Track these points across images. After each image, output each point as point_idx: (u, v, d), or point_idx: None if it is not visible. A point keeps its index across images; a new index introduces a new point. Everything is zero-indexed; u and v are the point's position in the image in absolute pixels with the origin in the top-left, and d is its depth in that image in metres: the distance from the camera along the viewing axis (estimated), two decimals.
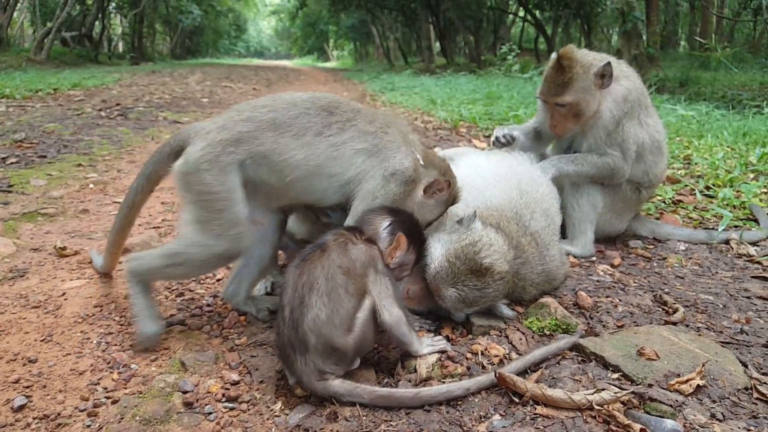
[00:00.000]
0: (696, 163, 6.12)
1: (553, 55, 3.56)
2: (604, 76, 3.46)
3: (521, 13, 34.67)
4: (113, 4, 37.23)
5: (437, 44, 37.71)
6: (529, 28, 36.87)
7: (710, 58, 18.80)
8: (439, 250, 2.55)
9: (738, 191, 5.01)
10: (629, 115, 3.59)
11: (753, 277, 3.35)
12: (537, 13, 30.90)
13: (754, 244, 3.90)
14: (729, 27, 29.95)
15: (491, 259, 2.47)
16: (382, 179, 2.48)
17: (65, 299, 2.96)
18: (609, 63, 3.45)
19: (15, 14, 30.88)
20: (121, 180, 5.41)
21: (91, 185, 5.15)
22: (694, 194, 4.97)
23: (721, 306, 2.90)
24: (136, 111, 10.16)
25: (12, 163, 5.82)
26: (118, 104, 11.04)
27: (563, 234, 3.57)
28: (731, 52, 19.66)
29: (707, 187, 5.21)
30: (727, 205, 4.69)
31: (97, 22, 33.74)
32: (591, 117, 3.55)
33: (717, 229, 4.06)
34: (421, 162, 2.62)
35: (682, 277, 3.33)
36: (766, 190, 5.10)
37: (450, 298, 2.48)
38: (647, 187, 3.90)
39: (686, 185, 5.24)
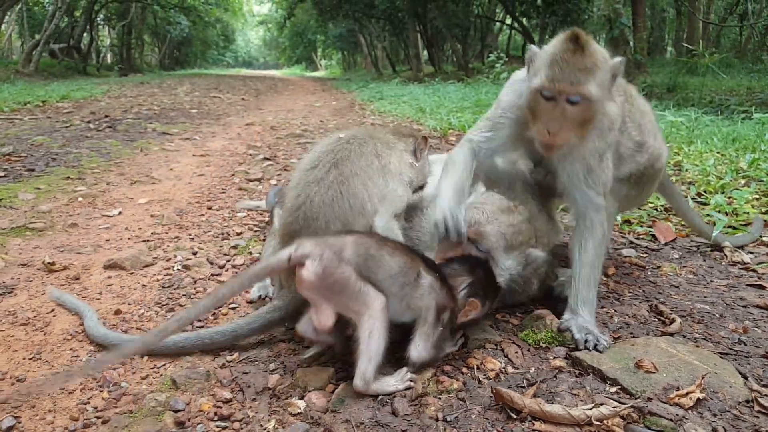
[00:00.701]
0: (687, 170, 6.13)
1: (560, 37, 2.52)
2: (616, 77, 2.60)
3: (508, 21, 34.86)
4: (101, 16, 37.19)
5: (425, 52, 37.84)
6: (516, 36, 37.14)
7: (697, 63, 18.96)
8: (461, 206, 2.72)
9: (730, 197, 5.02)
10: (610, 146, 2.77)
11: (748, 285, 3.34)
12: (524, 20, 31.10)
13: (740, 247, 3.91)
14: (715, 32, 30.27)
15: (515, 202, 2.77)
16: (403, 188, 2.79)
17: (54, 316, 2.91)
18: (623, 60, 2.60)
19: (3, 27, 30.76)
20: (110, 193, 5.35)
21: (79, 198, 5.09)
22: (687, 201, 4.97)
23: (717, 315, 2.88)
24: (124, 123, 10.11)
25: (0, 177, 5.76)
26: (106, 116, 10.98)
27: None
28: (718, 57, 19.84)
29: (699, 194, 5.22)
30: (720, 211, 4.69)
31: (85, 34, 33.64)
32: (598, 126, 2.65)
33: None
34: (411, 156, 2.93)
35: (677, 286, 3.31)
36: (758, 196, 5.11)
37: (491, 234, 2.64)
38: (657, 159, 3.14)
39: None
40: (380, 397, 2.16)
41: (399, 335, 2.28)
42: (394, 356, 2.29)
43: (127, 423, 2.06)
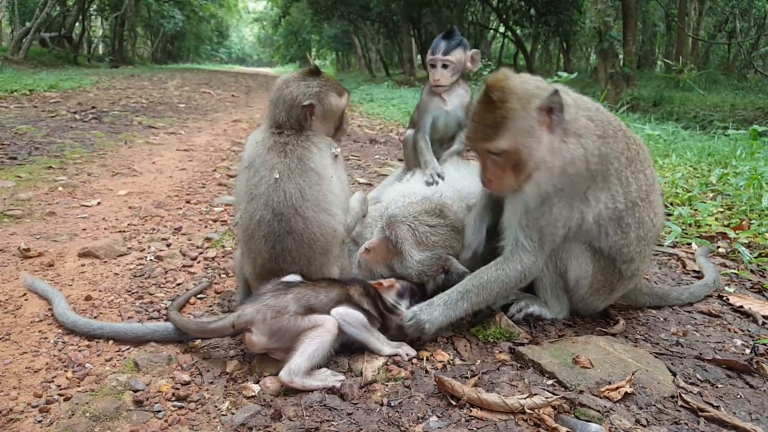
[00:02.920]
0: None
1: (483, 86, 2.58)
2: (552, 110, 2.48)
3: (501, 29, 35.16)
4: (94, 6, 37.07)
5: (419, 57, 38.01)
6: (510, 44, 37.38)
7: (678, 79, 19.26)
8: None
9: (695, 210, 5.18)
10: (567, 195, 2.59)
11: None
12: (517, 29, 31.37)
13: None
14: (704, 49, 30.65)
15: (444, 206, 2.91)
16: (341, 184, 2.79)
17: (26, 299, 3.01)
18: (557, 92, 2.47)
19: None
20: (90, 183, 5.44)
21: (59, 188, 5.17)
22: None
23: (662, 319, 3.03)
24: (111, 115, 10.16)
25: None
26: (93, 107, 11.03)
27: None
28: (698, 73, 20.13)
29: (665, 206, 5.37)
30: (683, 223, 4.84)
31: (77, 24, 33.51)
32: (538, 166, 2.54)
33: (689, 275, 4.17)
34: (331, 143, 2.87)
35: None
36: (722, 209, 5.27)
37: (401, 228, 2.79)
38: (626, 261, 2.82)
39: None
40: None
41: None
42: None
43: (88, 401, 2.16)
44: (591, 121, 2.61)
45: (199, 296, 3.17)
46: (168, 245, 3.94)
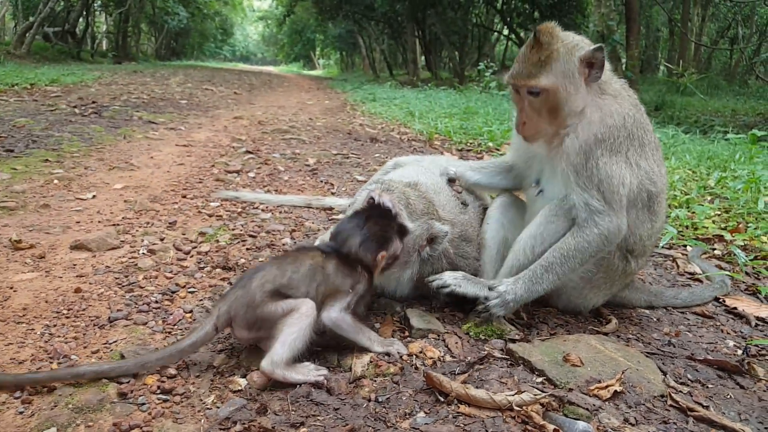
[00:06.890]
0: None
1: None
2: (593, 65, 2.59)
3: (505, 32, 35.14)
4: (98, 2, 37.07)
5: (422, 58, 38.00)
6: (513, 47, 37.32)
7: (678, 82, 19.22)
8: None
9: (692, 212, 5.15)
10: (609, 149, 2.61)
11: None
12: (521, 32, 31.34)
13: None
14: (707, 54, 30.60)
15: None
16: None
17: (14, 291, 2.99)
18: (601, 48, 2.57)
19: None
20: (86, 177, 5.41)
21: (55, 181, 5.15)
22: None
23: (654, 319, 3.00)
24: (111, 110, 10.14)
25: None
26: (93, 102, 11.00)
27: None
28: (698, 78, 20.08)
29: None
30: (680, 225, 4.82)
31: (81, 19, 33.51)
32: (573, 118, 2.63)
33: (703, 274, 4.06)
34: None
35: None
36: (719, 212, 5.25)
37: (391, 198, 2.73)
38: (637, 256, 2.87)
39: None
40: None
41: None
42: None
43: (71, 392, 2.14)
44: (624, 90, 2.80)
45: (190, 290, 3.15)
46: (161, 239, 3.92)
